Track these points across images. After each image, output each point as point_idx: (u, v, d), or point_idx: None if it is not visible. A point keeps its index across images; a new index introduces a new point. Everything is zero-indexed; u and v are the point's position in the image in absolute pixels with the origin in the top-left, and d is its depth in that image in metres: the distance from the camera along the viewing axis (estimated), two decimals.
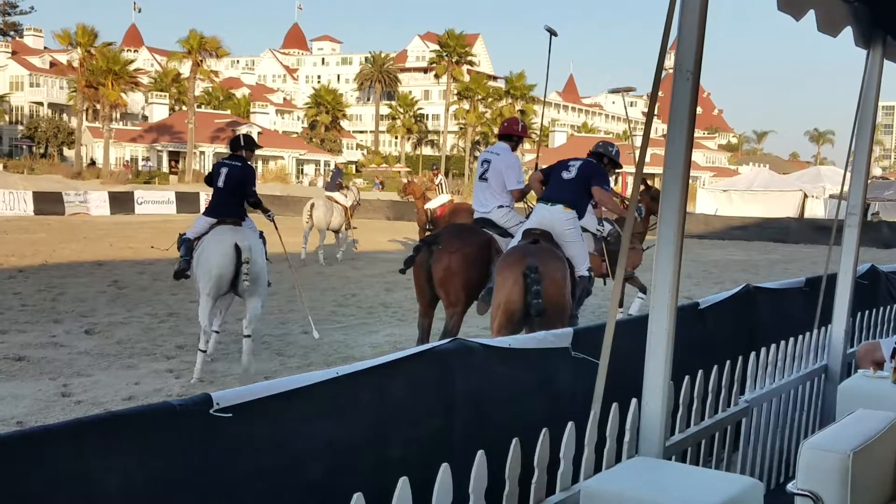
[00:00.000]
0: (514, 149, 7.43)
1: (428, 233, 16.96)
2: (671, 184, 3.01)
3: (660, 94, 3.25)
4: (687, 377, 3.60)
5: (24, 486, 1.92)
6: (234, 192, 7.93)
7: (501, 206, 7.15)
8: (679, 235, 3.02)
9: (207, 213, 8.13)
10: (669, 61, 2.80)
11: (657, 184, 7.16)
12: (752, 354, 4.25)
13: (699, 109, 3.09)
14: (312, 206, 17.53)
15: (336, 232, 18.06)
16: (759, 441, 4.33)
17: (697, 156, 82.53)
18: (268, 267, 8.08)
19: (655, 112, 3.11)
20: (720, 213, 34.77)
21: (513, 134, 7.47)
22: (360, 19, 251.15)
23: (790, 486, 2.70)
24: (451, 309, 6.82)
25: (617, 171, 7.40)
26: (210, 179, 8.13)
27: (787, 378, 4.57)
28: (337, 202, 17.88)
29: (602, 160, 6.96)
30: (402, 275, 7.35)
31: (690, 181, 3.07)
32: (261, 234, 8.15)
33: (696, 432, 3.68)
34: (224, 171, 7.94)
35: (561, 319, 5.84)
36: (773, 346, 4.40)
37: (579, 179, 6.62)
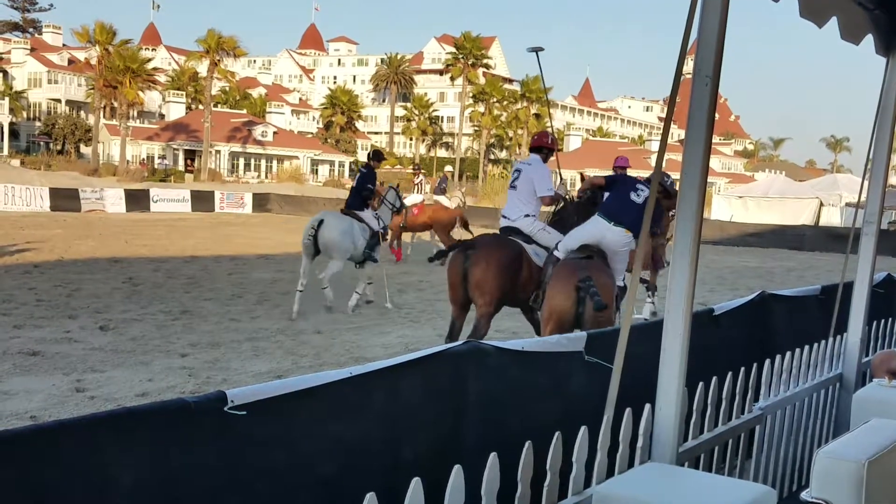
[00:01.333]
0: (545, 160, 7.83)
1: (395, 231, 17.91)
2: (688, 189, 2.99)
3: (677, 99, 3.23)
4: (701, 383, 3.58)
5: (39, 480, 1.93)
6: (359, 190, 11.72)
7: (528, 216, 7.56)
8: (696, 241, 3.00)
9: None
10: (688, 66, 2.79)
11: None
12: (767, 362, 4.23)
13: (716, 115, 3.08)
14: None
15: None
16: (773, 449, 4.30)
17: (713, 161, 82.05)
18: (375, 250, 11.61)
19: (672, 117, 3.10)
20: (735, 219, 34.63)
21: (543, 146, 7.88)
22: (377, 21, 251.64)
23: (804, 495, 2.69)
24: (482, 310, 7.22)
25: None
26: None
27: (802, 386, 4.54)
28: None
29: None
30: (430, 262, 8.62)
31: (706, 187, 3.05)
32: (383, 228, 12.03)
33: (709, 439, 3.66)
34: (358, 175, 12.03)
35: (609, 324, 6.25)
36: (787, 354, 4.38)
37: (644, 209, 6.80)
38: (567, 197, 8.11)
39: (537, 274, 7.18)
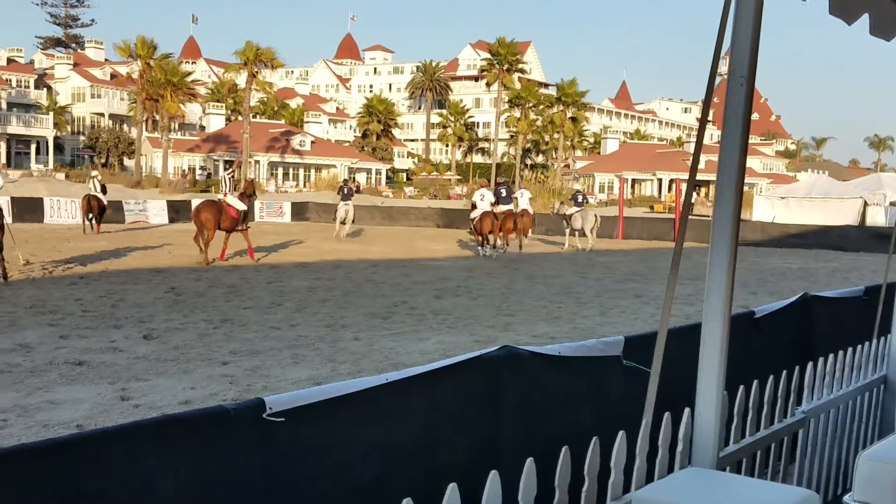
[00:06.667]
0: None
1: None
2: (725, 190, 2.96)
3: (715, 99, 3.21)
4: (742, 387, 3.54)
5: (83, 486, 1.97)
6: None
7: None
8: (733, 243, 2.97)
9: None
10: (724, 67, 2.76)
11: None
12: (809, 364, 4.16)
13: (756, 115, 3.06)
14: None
15: None
16: (816, 452, 4.24)
17: (754, 162, 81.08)
18: None
19: (709, 118, 3.07)
20: (778, 220, 34.13)
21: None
22: (412, 29, 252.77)
23: (847, 498, 2.65)
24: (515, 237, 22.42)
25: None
26: None
27: (846, 389, 4.47)
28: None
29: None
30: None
31: (747, 188, 3.03)
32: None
33: (751, 443, 3.62)
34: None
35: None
36: (830, 357, 4.31)
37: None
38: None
39: None
